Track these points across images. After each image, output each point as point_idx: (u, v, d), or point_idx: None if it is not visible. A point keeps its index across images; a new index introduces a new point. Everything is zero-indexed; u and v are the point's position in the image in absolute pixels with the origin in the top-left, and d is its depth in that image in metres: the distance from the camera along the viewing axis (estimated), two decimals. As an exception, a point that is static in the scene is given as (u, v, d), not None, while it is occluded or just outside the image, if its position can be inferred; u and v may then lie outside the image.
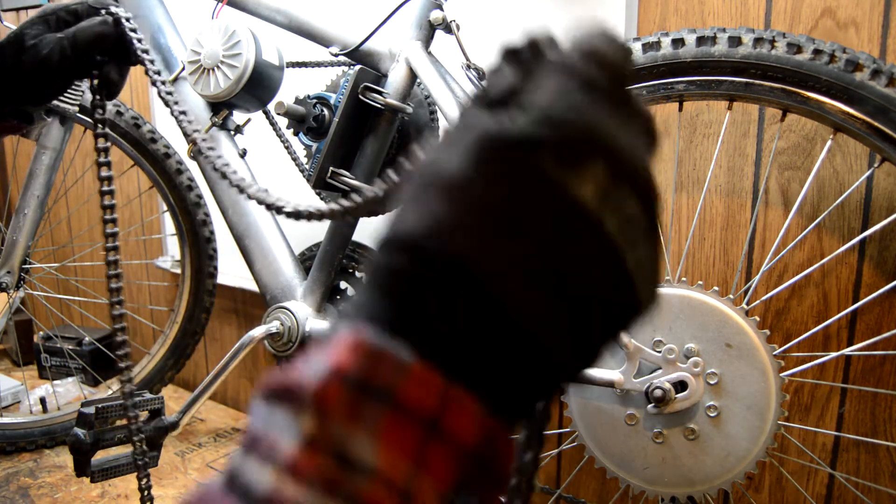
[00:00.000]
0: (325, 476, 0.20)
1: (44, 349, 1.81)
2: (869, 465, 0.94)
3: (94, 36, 0.68)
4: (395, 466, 0.21)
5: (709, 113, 0.98)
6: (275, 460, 0.21)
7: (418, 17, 0.91)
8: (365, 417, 0.22)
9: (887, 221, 0.79)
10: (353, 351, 0.22)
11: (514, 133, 0.24)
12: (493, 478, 0.24)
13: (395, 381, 0.22)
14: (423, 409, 0.22)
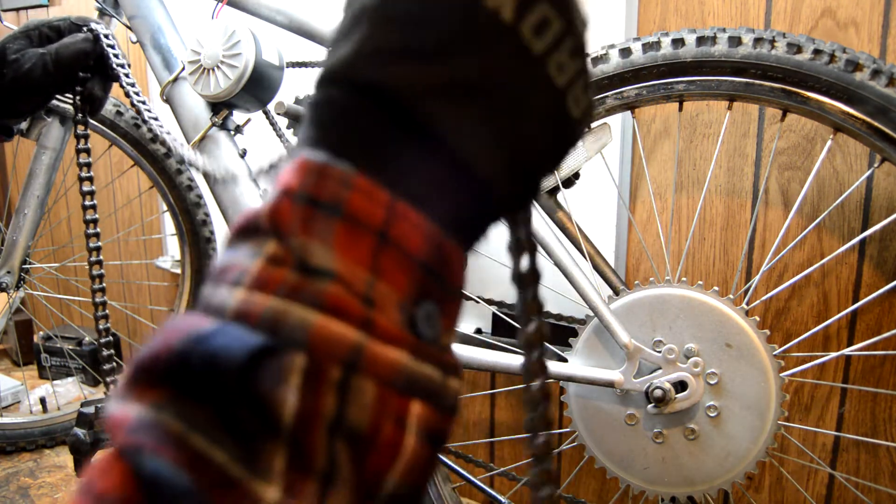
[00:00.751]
0: (289, 284, 0.21)
1: (44, 349, 1.81)
2: (869, 465, 0.94)
3: (76, 52, 0.70)
4: (353, 273, 0.22)
5: (709, 113, 0.98)
6: (242, 281, 0.22)
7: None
8: (318, 229, 0.22)
9: (887, 221, 0.79)
10: (299, 171, 0.23)
11: None
12: (449, 289, 0.25)
13: (342, 194, 0.23)
14: (371, 220, 0.23)
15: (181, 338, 0.21)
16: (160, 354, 0.21)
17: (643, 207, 1.06)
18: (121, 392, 0.21)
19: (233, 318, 0.21)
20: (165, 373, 0.21)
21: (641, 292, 0.77)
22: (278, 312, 0.21)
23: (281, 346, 0.20)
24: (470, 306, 1.19)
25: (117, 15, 1.14)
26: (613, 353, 0.79)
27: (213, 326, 0.21)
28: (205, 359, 0.20)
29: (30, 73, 0.67)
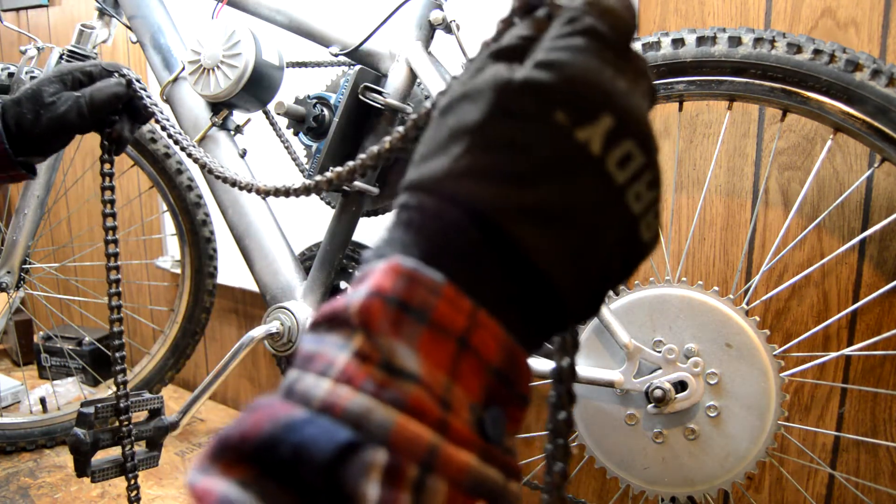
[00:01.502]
0: (375, 382, 0.23)
1: (44, 349, 1.81)
2: (869, 465, 0.94)
3: (109, 96, 0.75)
4: (434, 376, 0.24)
5: (709, 113, 0.98)
6: (330, 373, 0.23)
7: (418, 17, 0.91)
8: (406, 332, 0.24)
9: (887, 221, 0.79)
10: (391, 275, 0.25)
11: (527, 82, 0.26)
12: (516, 394, 0.26)
13: (430, 300, 0.24)
14: (454, 327, 0.25)
15: (271, 422, 0.22)
16: (249, 434, 0.22)
17: (643, 207, 1.06)
18: (205, 463, 0.23)
19: (319, 408, 0.22)
20: (253, 453, 0.22)
21: (641, 292, 0.77)
22: (364, 409, 0.22)
23: (365, 442, 0.21)
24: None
25: (117, 15, 1.14)
26: (613, 353, 0.79)
27: (303, 416, 0.22)
28: (294, 446, 0.21)
29: (65, 115, 0.72)
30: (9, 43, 2.21)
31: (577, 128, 0.26)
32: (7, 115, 0.72)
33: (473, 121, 0.26)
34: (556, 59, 0.26)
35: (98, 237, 2.03)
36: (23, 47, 1.21)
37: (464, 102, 0.27)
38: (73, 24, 1.18)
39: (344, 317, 0.24)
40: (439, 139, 0.27)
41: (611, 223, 0.27)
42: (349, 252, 1.12)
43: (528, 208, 0.25)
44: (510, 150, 0.26)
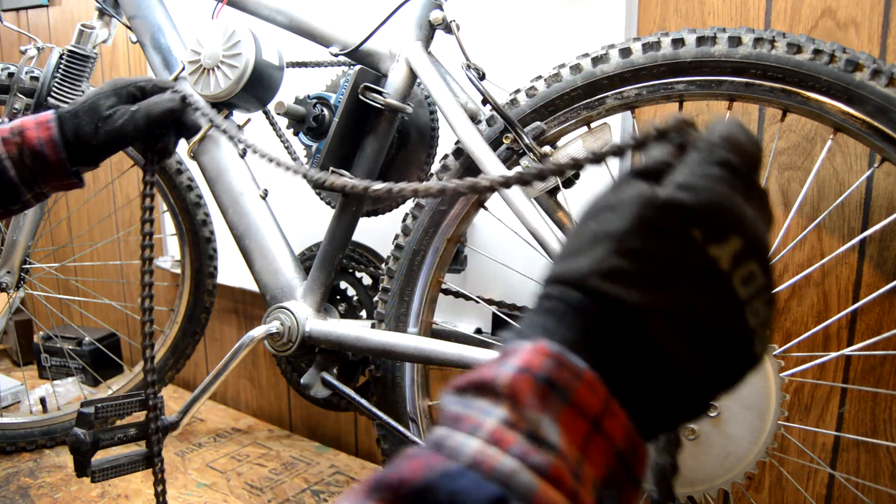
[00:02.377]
0: (521, 448, 0.25)
1: (44, 349, 1.81)
2: (869, 465, 0.94)
3: (164, 111, 0.78)
4: (571, 450, 0.27)
5: (709, 113, 0.98)
6: (478, 434, 0.26)
7: (418, 17, 0.91)
8: (550, 408, 0.27)
9: (887, 221, 0.79)
10: (539, 355, 0.28)
11: (670, 200, 0.30)
12: (633, 479, 0.29)
13: (572, 382, 0.28)
14: (590, 409, 0.28)
15: (428, 470, 0.25)
16: (407, 478, 0.25)
17: (643, 207, 1.06)
18: (360, 499, 0.25)
19: (469, 464, 0.25)
20: (411, 495, 0.25)
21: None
22: (511, 470, 0.25)
23: (511, 499, 0.24)
24: (470, 306, 1.19)
25: (117, 15, 1.14)
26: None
27: (456, 468, 0.25)
28: (449, 494, 0.24)
29: (122, 128, 0.76)
30: (9, 43, 2.21)
31: (710, 245, 0.29)
32: (65, 126, 0.75)
33: (618, 228, 0.30)
34: (696, 183, 0.30)
35: (98, 237, 2.03)
36: (23, 47, 1.21)
37: (608, 212, 0.31)
38: (73, 24, 1.18)
39: (491, 386, 0.28)
40: (583, 241, 0.31)
41: (731, 333, 0.31)
42: (349, 252, 1.12)
43: (660, 307, 0.29)
44: (650, 257, 0.29)
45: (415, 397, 0.95)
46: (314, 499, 1.29)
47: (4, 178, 0.72)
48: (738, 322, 0.30)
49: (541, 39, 1.06)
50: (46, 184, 0.76)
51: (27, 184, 0.74)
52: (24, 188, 0.74)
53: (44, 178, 0.75)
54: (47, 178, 0.75)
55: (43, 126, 0.75)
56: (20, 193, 0.74)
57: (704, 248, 0.29)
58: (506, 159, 0.84)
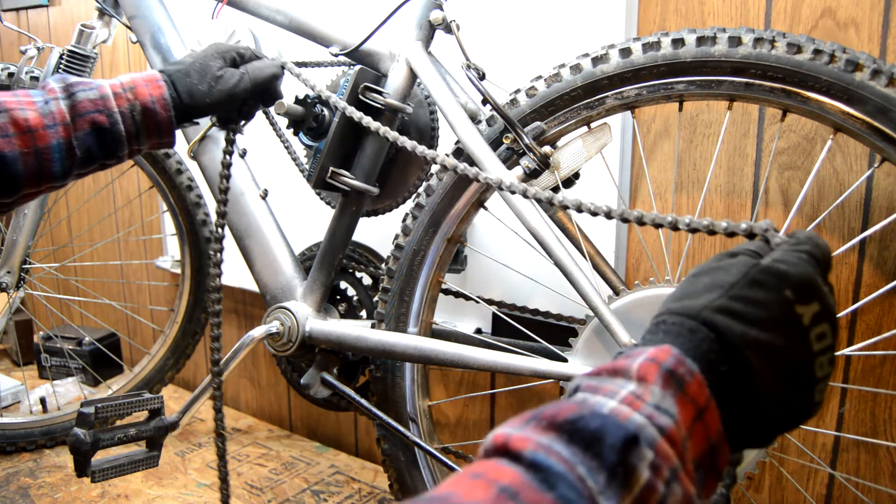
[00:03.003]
0: (648, 412, 0.33)
1: (44, 349, 1.81)
2: (869, 465, 0.94)
3: (269, 76, 0.84)
4: (681, 426, 0.34)
5: (709, 113, 0.98)
6: (615, 398, 0.34)
7: (418, 17, 0.91)
8: (670, 390, 0.35)
9: (887, 221, 0.79)
10: (664, 353, 0.37)
11: (771, 266, 0.41)
12: (716, 469, 0.37)
13: (686, 377, 0.36)
14: (697, 402, 0.36)
15: (579, 408, 0.33)
16: (561, 412, 0.33)
17: (643, 207, 1.06)
18: (517, 424, 0.33)
19: (609, 413, 0.33)
20: (565, 423, 0.32)
21: (642, 292, 0.77)
22: (640, 424, 0.32)
23: (640, 442, 0.32)
24: (470, 306, 1.19)
25: (117, 15, 1.14)
26: (613, 353, 0.79)
27: (602, 411, 0.33)
28: (596, 427, 0.32)
29: (235, 87, 0.80)
30: (9, 43, 2.21)
31: (798, 304, 0.39)
32: (177, 84, 0.77)
33: (728, 281, 0.40)
34: (790, 259, 0.42)
35: (98, 237, 2.03)
36: (23, 47, 1.22)
37: (719, 272, 0.42)
38: (73, 24, 1.18)
39: (625, 369, 0.36)
40: (697, 289, 0.41)
41: (801, 376, 0.39)
42: (349, 252, 1.12)
43: (753, 341, 0.38)
44: (751, 304, 0.39)
45: (415, 397, 0.95)
46: (314, 499, 1.29)
47: (115, 133, 0.73)
48: (807, 367, 0.39)
49: (541, 39, 1.06)
50: (147, 140, 0.77)
51: (130, 139, 0.75)
52: (127, 143, 0.75)
53: (147, 135, 0.76)
54: (151, 134, 0.77)
55: (154, 84, 0.76)
56: (122, 148, 0.75)
57: (793, 304, 0.39)
58: (506, 159, 0.84)
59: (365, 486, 1.34)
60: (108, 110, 0.72)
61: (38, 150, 0.68)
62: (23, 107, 0.68)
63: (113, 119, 0.72)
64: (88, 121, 0.71)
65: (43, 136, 0.68)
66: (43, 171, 0.69)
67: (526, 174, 0.82)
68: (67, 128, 0.70)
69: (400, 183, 1.05)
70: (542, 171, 0.82)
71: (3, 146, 0.66)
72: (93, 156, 0.73)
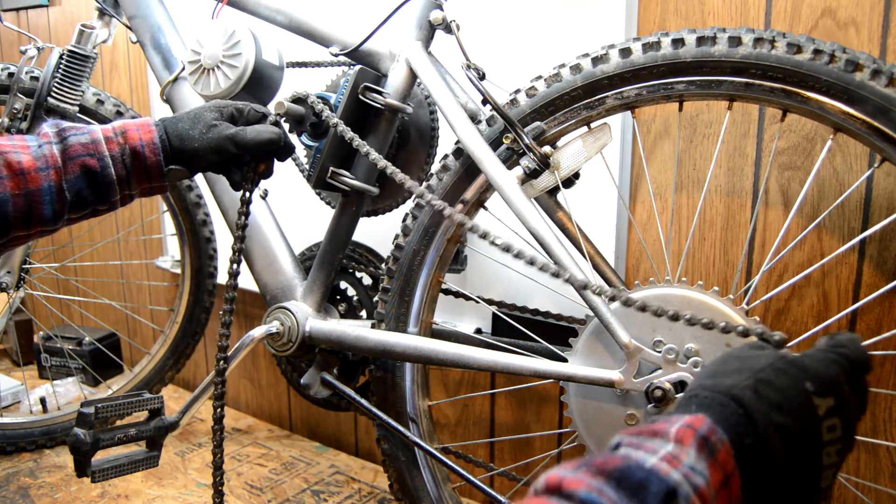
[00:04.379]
0: (685, 472, 0.38)
1: (44, 349, 1.81)
2: (869, 465, 0.94)
3: (265, 141, 0.82)
4: (711, 487, 0.39)
5: (709, 113, 0.98)
6: (656, 455, 0.38)
7: (418, 17, 0.91)
8: (703, 454, 0.40)
9: (887, 221, 0.79)
10: (699, 421, 0.42)
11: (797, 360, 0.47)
12: None
13: (717, 445, 0.41)
14: (725, 468, 0.41)
15: (625, 460, 0.37)
16: (608, 463, 0.37)
17: (643, 207, 1.06)
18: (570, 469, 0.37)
19: (652, 467, 0.37)
20: (613, 471, 0.36)
21: (641, 292, 0.77)
22: (678, 481, 0.37)
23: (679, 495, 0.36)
24: (470, 306, 1.19)
25: (117, 15, 1.14)
26: (613, 353, 0.79)
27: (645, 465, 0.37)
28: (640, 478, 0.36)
29: (225, 140, 0.79)
30: (9, 43, 2.21)
31: (815, 396, 0.45)
32: (168, 129, 0.78)
33: (757, 367, 0.47)
34: (817, 356, 0.48)
35: (98, 237, 2.03)
36: (23, 47, 1.21)
37: (748, 359, 0.48)
38: (73, 24, 1.18)
39: (664, 432, 0.41)
40: (729, 371, 0.47)
41: (808, 461, 0.44)
42: (349, 252, 1.12)
43: (772, 421, 0.43)
44: (775, 389, 0.45)
45: (415, 397, 0.95)
46: (314, 499, 1.29)
47: (106, 176, 0.73)
48: (815, 453, 0.44)
49: (541, 39, 1.06)
50: (138, 185, 0.77)
51: (121, 183, 0.75)
52: (118, 188, 0.75)
53: (137, 179, 0.77)
54: (141, 178, 0.77)
55: (144, 129, 0.76)
56: (113, 193, 0.75)
57: (811, 396, 0.45)
58: (506, 159, 0.84)
59: (365, 486, 1.34)
60: (98, 154, 0.73)
61: (29, 193, 0.68)
62: (17, 150, 0.69)
63: (104, 163, 0.73)
64: (79, 164, 0.72)
65: (35, 178, 0.69)
66: (33, 214, 0.70)
67: (526, 174, 0.82)
68: (59, 171, 0.71)
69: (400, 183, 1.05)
70: (542, 171, 0.82)
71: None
72: (84, 199, 0.73)
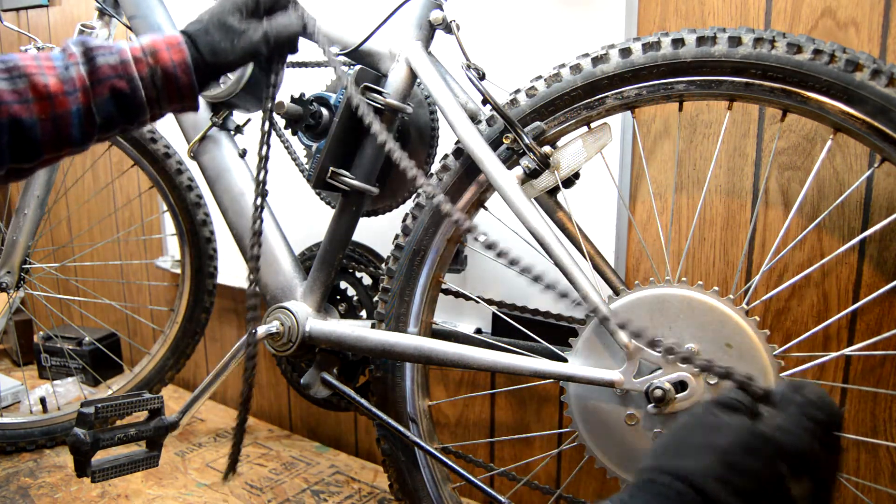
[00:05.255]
0: None
1: (44, 349, 1.81)
2: (869, 465, 0.94)
3: (291, 35, 0.79)
4: None
5: (709, 113, 0.98)
6: None
7: (418, 17, 0.91)
8: None
9: (887, 221, 0.79)
10: None
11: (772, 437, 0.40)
12: None
13: None
14: None
15: None
16: None
17: (643, 207, 1.06)
18: None
19: None
20: None
21: (641, 292, 0.77)
22: None
23: None
24: (470, 306, 1.19)
25: (117, 15, 1.14)
26: (613, 353, 0.79)
27: None
28: None
29: (258, 44, 0.76)
30: (9, 43, 2.21)
31: (790, 479, 0.39)
32: (199, 43, 0.74)
33: (722, 444, 0.40)
34: (793, 429, 0.41)
35: (98, 237, 2.03)
36: (23, 47, 1.21)
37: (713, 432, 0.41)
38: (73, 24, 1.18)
39: None
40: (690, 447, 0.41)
41: None
42: (349, 252, 1.12)
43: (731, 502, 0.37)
44: (743, 471, 0.38)
45: (415, 397, 0.95)
46: (314, 499, 1.29)
47: (136, 98, 0.70)
48: None
49: (541, 39, 1.06)
50: (169, 105, 0.75)
51: (151, 104, 0.73)
52: (148, 108, 0.73)
53: (169, 100, 0.74)
54: (172, 99, 0.74)
55: (175, 48, 0.72)
56: (142, 113, 0.72)
57: (784, 480, 0.39)
58: (506, 159, 0.84)
59: (365, 486, 1.34)
60: (128, 76, 0.70)
61: (57, 117, 0.66)
62: (43, 71, 0.66)
63: (133, 85, 0.70)
64: (108, 87, 0.69)
65: (62, 102, 0.66)
66: (62, 137, 0.68)
67: (526, 174, 0.82)
68: (87, 93, 0.68)
69: (400, 183, 1.05)
70: (542, 171, 0.82)
71: (22, 112, 0.64)
72: (113, 121, 0.71)
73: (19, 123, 0.64)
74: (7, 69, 0.65)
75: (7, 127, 0.64)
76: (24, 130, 0.65)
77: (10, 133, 0.65)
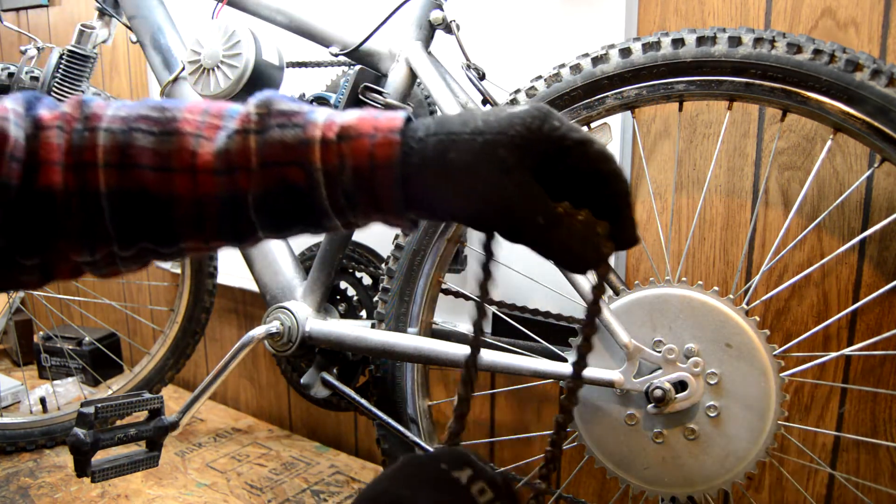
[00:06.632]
0: None
1: (44, 349, 1.81)
2: (869, 465, 0.94)
3: None
4: None
5: (709, 113, 0.98)
6: None
7: (418, 17, 0.91)
8: None
9: (887, 221, 0.79)
10: None
11: (427, 455, 0.45)
12: None
13: None
14: None
15: None
16: None
17: (643, 207, 1.06)
18: None
19: None
20: None
21: (641, 292, 0.77)
22: None
23: None
24: (470, 306, 1.19)
25: (117, 15, 1.14)
26: (613, 353, 0.79)
27: None
28: None
29: None
30: (9, 43, 2.21)
31: (453, 470, 0.43)
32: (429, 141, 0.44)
33: None
34: (444, 451, 0.46)
35: (98, 237, 2.03)
36: (23, 47, 1.22)
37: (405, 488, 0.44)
38: (73, 24, 1.18)
39: None
40: None
41: None
42: (349, 252, 1.12)
43: None
44: (410, 477, 0.43)
45: (415, 397, 0.95)
46: (314, 499, 1.29)
47: (311, 201, 0.46)
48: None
49: (541, 39, 1.06)
50: (366, 217, 0.48)
51: (338, 211, 0.47)
52: (334, 215, 0.47)
53: (364, 212, 0.47)
54: (368, 211, 0.47)
55: (387, 142, 0.44)
56: (327, 220, 0.47)
57: (449, 472, 0.43)
58: (506, 159, 0.84)
59: (365, 486, 1.34)
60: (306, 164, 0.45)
61: (201, 197, 0.46)
62: (202, 132, 0.46)
63: (312, 181, 0.45)
64: (277, 174, 0.45)
65: (206, 182, 0.46)
66: (206, 224, 0.47)
67: (526, 174, 0.82)
68: (249, 176, 0.46)
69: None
70: (542, 171, 0.82)
71: None
72: (279, 221, 0.49)
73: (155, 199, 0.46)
74: None
75: None
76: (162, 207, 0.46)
77: None
